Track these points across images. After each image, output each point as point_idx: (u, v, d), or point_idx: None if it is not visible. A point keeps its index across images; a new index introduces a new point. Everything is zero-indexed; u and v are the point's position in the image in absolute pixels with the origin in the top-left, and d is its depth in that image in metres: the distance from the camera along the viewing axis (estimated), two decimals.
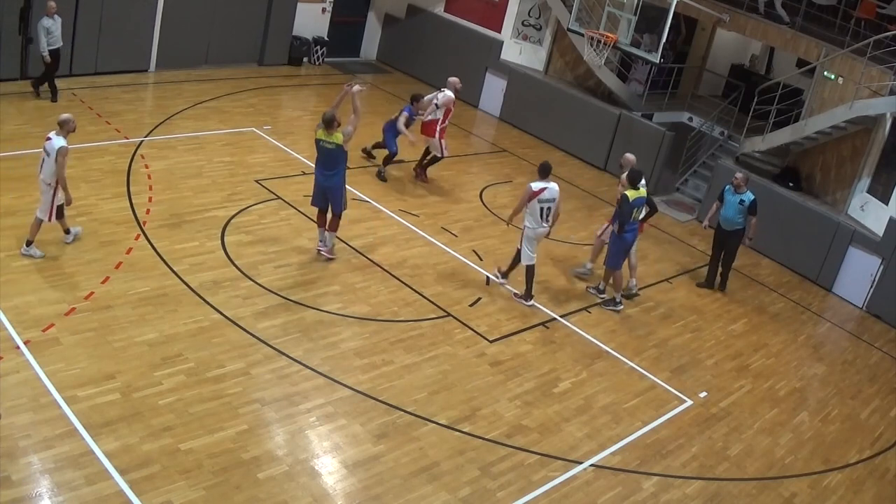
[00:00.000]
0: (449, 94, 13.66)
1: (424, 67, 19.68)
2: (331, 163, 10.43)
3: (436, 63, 19.22)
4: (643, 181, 10.95)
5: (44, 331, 8.25)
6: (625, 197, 10.78)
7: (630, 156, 11.72)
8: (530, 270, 10.86)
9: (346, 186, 10.83)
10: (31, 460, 6.71)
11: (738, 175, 12.20)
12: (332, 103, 10.86)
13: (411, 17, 20.16)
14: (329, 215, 10.83)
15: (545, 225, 10.66)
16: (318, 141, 10.39)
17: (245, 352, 8.71)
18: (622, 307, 11.38)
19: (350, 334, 9.46)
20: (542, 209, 10.52)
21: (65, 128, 9.30)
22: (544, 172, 10.58)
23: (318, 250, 10.91)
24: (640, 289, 12.07)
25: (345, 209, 10.81)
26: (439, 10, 19.62)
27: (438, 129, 13.57)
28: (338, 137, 10.27)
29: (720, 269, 12.68)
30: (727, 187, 12.23)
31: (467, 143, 16.91)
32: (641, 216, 11.24)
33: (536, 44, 18.50)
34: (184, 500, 6.69)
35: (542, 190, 10.46)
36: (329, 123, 10.20)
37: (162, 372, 8.08)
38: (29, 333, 8.14)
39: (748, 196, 12.02)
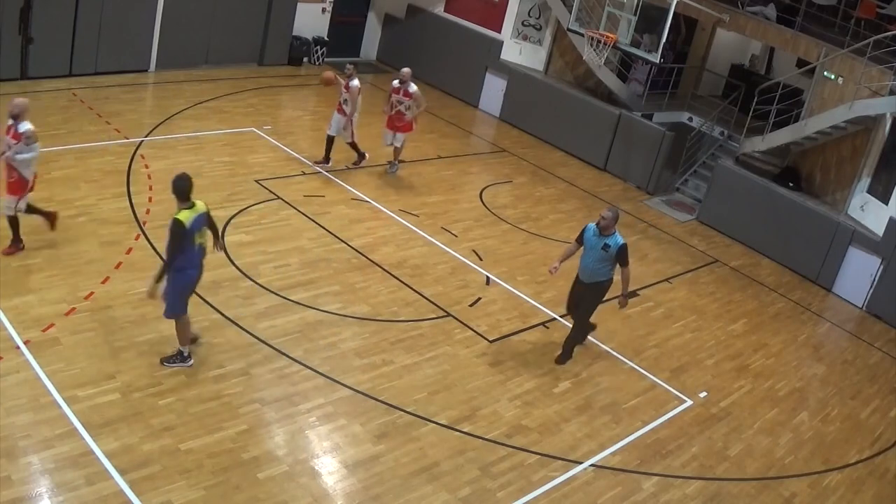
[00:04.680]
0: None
1: (424, 67, 19.63)
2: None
3: (436, 63, 19.25)
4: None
5: (44, 331, 8.24)
6: (176, 222, 7.61)
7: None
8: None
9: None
10: (31, 460, 6.71)
11: (606, 213, 9.19)
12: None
13: (411, 17, 20.16)
14: None
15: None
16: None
17: (245, 352, 8.71)
18: (191, 362, 8.30)
19: (350, 334, 9.46)
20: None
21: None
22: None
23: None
24: (640, 289, 12.07)
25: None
26: (439, 10, 19.62)
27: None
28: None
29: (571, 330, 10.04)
30: (589, 226, 9.41)
31: (467, 143, 16.92)
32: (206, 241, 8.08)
33: (536, 44, 18.50)
34: (184, 500, 6.69)
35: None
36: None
37: (162, 372, 8.08)
38: (29, 333, 8.14)
39: (615, 240, 9.17)
